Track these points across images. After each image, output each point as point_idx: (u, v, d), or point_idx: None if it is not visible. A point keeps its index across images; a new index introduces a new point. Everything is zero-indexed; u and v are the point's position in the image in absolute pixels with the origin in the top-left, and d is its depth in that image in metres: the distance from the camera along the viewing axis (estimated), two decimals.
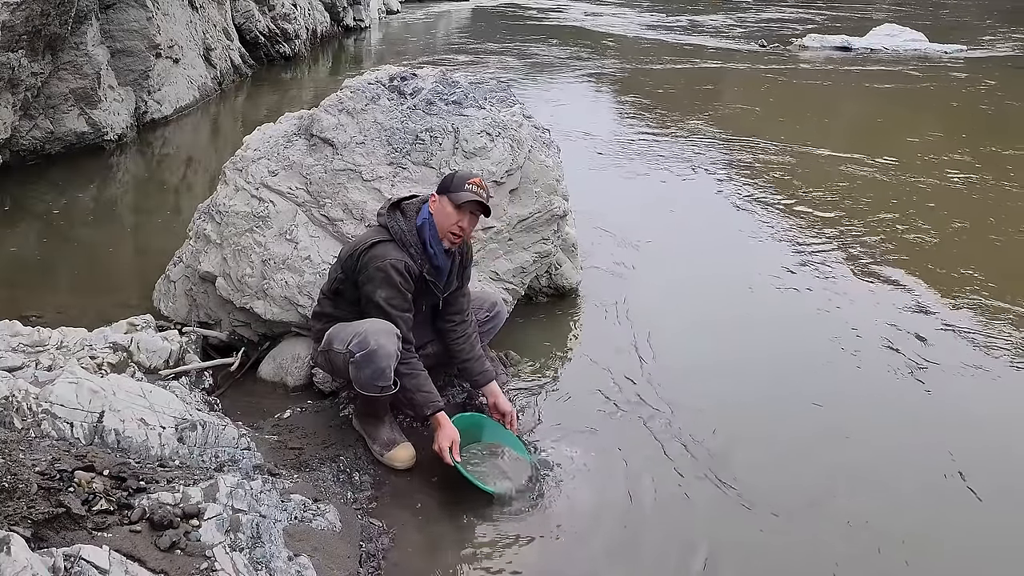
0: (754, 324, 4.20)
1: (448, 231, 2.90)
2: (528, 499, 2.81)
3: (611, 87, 11.36)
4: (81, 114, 6.94)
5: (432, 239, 2.92)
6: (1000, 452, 3.17)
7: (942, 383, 3.66)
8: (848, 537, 2.69)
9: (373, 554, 2.49)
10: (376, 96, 4.01)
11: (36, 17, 5.85)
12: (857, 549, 2.64)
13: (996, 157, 7.43)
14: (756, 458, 3.08)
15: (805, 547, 2.65)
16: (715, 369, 3.74)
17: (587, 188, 5.62)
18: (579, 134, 8.00)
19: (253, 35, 11.73)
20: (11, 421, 2.25)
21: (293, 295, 3.53)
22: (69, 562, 1.74)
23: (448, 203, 2.89)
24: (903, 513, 2.81)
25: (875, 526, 2.72)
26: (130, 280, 4.69)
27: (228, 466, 2.57)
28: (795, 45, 14.63)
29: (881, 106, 10.16)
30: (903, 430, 3.31)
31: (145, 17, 7.89)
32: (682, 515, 2.79)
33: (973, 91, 10.82)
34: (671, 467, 3.04)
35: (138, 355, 3.28)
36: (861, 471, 3.02)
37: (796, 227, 5.61)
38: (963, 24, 18.57)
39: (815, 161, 7.31)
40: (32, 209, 5.87)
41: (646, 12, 20.47)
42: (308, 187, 3.75)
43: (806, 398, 3.51)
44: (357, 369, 2.80)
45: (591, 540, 2.66)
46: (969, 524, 2.78)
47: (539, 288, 4.31)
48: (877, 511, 2.80)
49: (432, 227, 2.92)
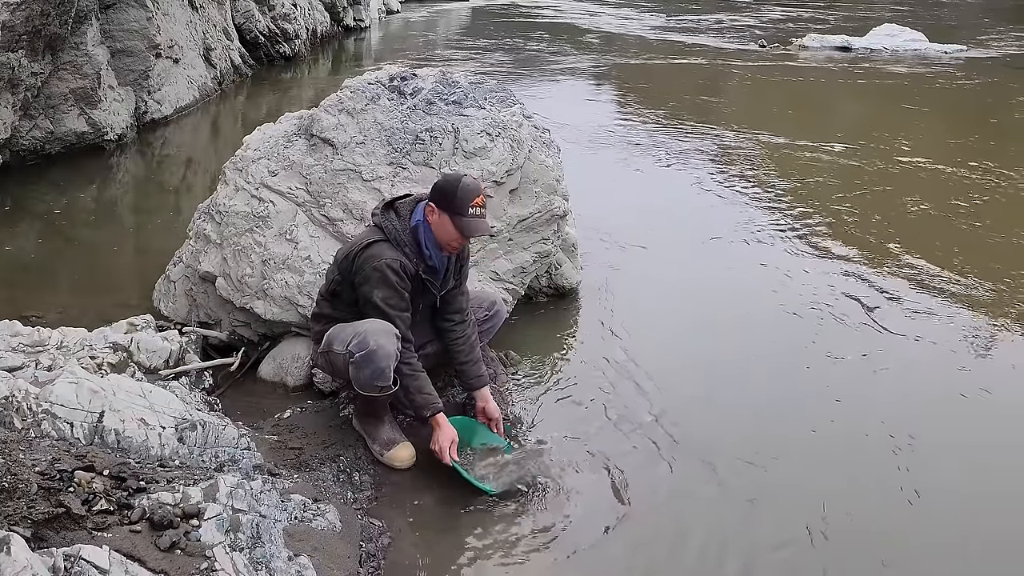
0: (755, 324, 4.20)
1: (448, 244, 2.89)
2: (524, 498, 2.81)
3: (610, 84, 11.37)
4: (81, 114, 6.94)
5: (428, 242, 2.91)
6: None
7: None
8: (850, 536, 2.69)
9: (373, 554, 2.49)
10: (376, 96, 4.01)
11: (36, 17, 5.85)
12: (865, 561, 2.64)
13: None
14: (756, 457, 3.08)
15: (809, 543, 2.65)
16: (715, 369, 3.74)
17: (586, 188, 5.62)
18: (568, 128, 7.98)
19: (253, 35, 11.73)
20: (11, 421, 2.25)
21: (293, 295, 3.53)
22: (69, 562, 1.74)
23: (451, 224, 2.82)
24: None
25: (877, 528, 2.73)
26: (130, 280, 4.69)
27: (228, 466, 2.57)
28: (795, 45, 14.62)
29: (883, 105, 10.16)
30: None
31: (145, 17, 7.89)
32: (682, 514, 2.79)
33: (971, 90, 10.82)
34: (670, 467, 3.04)
35: (138, 355, 3.28)
36: (861, 468, 3.02)
37: (795, 227, 5.61)
38: (963, 24, 18.57)
39: (815, 159, 7.31)
40: (32, 209, 5.87)
41: (646, 12, 20.47)
42: (308, 187, 3.75)
43: (809, 398, 3.51)
44: (357, 369, 2.80)
45: (590, 539, 2.66)
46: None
47: (539, 288, 4.31)
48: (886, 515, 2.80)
49: (428, 232, 2.89)
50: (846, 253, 5.09)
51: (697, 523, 2.74)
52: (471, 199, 2.81)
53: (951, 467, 3.06)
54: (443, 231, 2.86)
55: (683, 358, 3.86)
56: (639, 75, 11.99)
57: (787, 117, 9.13)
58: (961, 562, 2.63)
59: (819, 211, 5.90)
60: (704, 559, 2.59)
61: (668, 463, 3.06)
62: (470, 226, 2.82)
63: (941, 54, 13.76)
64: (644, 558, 2.60)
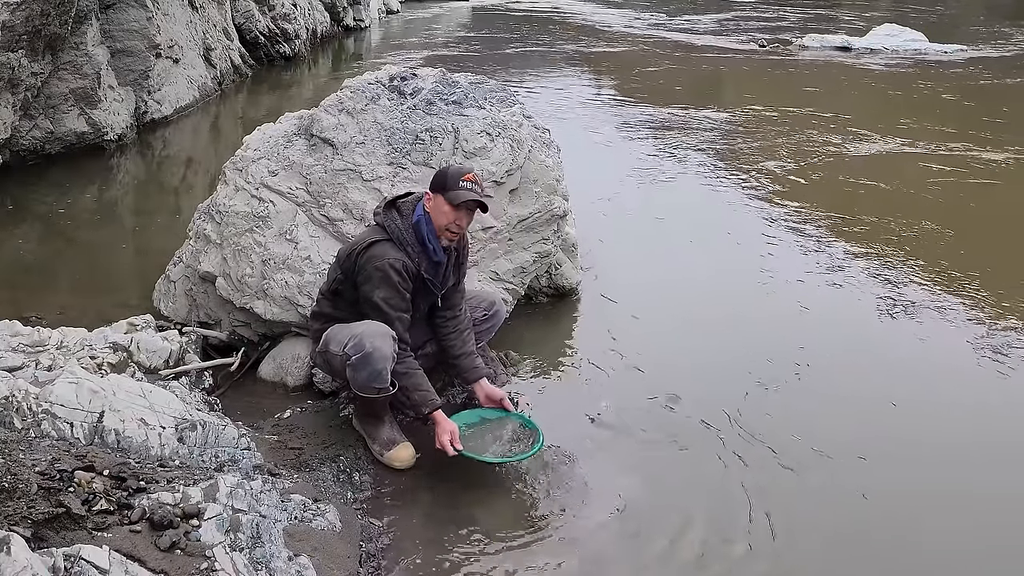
0: (756, 323, 4.20)
1: (445, 229, 2.89)
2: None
3: (609, 83, 11.36)
4: (81, 114, 6.94)
5: (429, 235, 2.92)
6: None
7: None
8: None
9: (373, 554, 2.49)
10: (376, 96, 4.01)
11: (36, 17, 5.85)
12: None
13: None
14: (757, 456, 3.08)
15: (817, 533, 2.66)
16: (715, 368, 3.74)
17: (587, 187, 5.63)
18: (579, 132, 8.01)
19: (253, 35, 11.73)
20: (11, 421, 2.25)
21: (293, 295, 3.53)
22: (69, 562, 1.74)
23: (444, 202, 2.86)
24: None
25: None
26: (130, 280, 4.69)
27: (228, 466, 2.57)
28: (795, 45, 14.61)
29: (885, 105, 10.16)
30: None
31: (145, 17, 7.89)
32: (682, 514, 2.79)
33: (969, 87, 10.82)
34: (670, 465, 3.04)
35: (138, 355, 3.28)
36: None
37: (794, 226, 5.61)
38: (963, 23, 18.57)
39: (810, 157, 7.31)
40: (32, 209, 5.87)
41: (645, 12, 20.46)
42: (308, 187, 3.75)
43: (811, 397, 3.51)
44: (354, 371, 2.80)
45: (591, 538, 2.66)
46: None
47: (539, 288, 4.31)
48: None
49: (428, 223, 2.91)
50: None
51: (700, 524, 2.74)
52: (462, 175, 2.87)
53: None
54: (439, 213, 2.87)
55: (683, 358, 3.86)
56: (637, 73, 11.98)
57: (785, 115, 9.14)
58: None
59: (836, 219, 5.90)
60: (702, 551, 2.60)
61: (670, 462, 3.06)
62: (460, 194, 2.84)
63: (941, 54, 13.76)
64: (644, 552, 2.60)
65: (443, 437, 2.83)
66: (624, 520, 2.75)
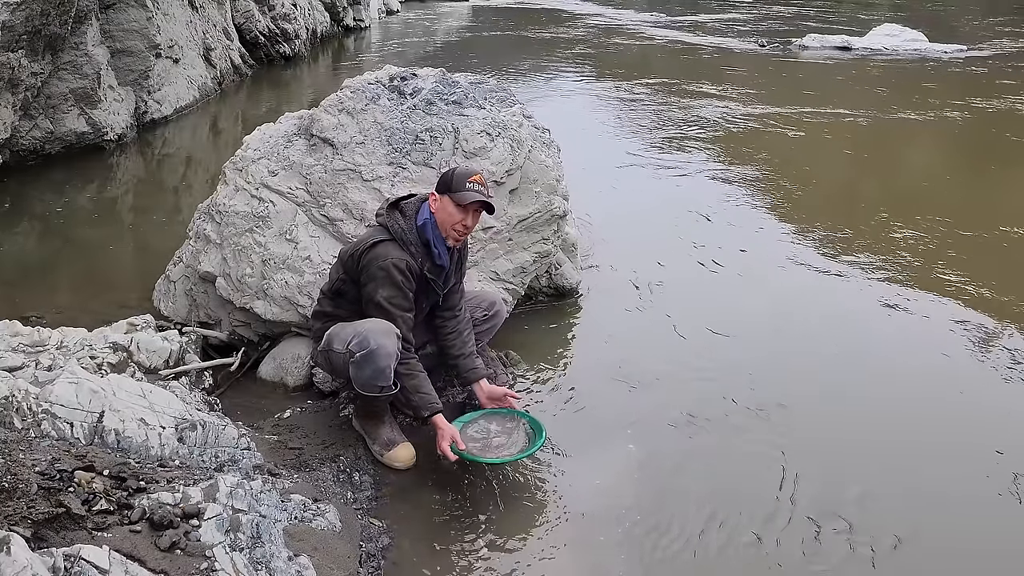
0: (756, 323, 4.20)
1: (452, 229, 2.89)
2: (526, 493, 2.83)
3: (609, 81, 11.35)
4: (81, 114, 6.94)
5: (436, 239, 2.92)
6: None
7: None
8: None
9: (373, 554, 2.49)
10: (376, 96, 4.01)
11: (36, 17, 5.85)
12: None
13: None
14: (758, 454, 3.09)
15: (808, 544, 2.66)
16: (715, 368, 3.74)
17: (587, 187, 5.62)
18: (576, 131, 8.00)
19: (253, 35, 11.73)
20: (11, 421, 2.25)
21: (293, 295, 3.53)
22: (69, 562, 1.74)
23: (451, 203, 2.87)
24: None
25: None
26: (130, 280, 4.69)
27: (228, 466, 2.57)
28: (795, 45, 14.61)
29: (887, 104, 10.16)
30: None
31: (145, 17, 7.89)
32: (682, 514, 2.79)
33: (968, 87, 10.82)
34: (670, 465, 3.04)
35: (138, 355, 3.28)
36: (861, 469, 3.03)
37: (792, 226, 5.61)
38: (963, 23, 18.57)
39: (811, 156, 7.32)
40: (32, 209, 5.87)
41: (645, 11, 20.46)
42: (308, 187, 3.75)
43: (813, 400, 3.51)
44: (357, 369, 2.80)
45: (592, 538, 2.66)
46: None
47: (539, 288, 4.31)
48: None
49: (435, 226, 2.91)
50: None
51: (700, 524, 2.74)
52: (468, 176, 2.88)
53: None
54: (445, 214, 2.88)
55: (683, 357, 3.86)
56: (636, 71, 11.98)
57: (785, 114, 9.13)
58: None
59: (834, 221, 5.90)
60: (708, 551, 2.59)
61: (670, 461, 3.06)
62: (468, 195, 2.85)
63: (941, 54, 13.76)
64: (647, 552, 2.60)
65: (443, 443, 2.81)
66: (624, 520, 2.75)
